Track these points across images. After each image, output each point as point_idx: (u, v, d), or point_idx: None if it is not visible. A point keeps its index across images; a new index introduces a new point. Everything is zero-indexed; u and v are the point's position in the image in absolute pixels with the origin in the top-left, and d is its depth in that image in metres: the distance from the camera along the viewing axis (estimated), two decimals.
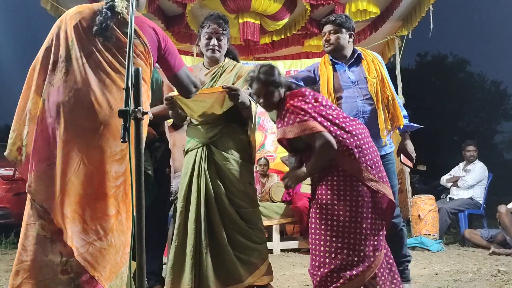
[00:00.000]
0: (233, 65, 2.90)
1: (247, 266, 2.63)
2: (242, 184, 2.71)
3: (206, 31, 2.81)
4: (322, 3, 5.74)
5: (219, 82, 2.79)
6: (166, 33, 6.60)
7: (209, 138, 2.72)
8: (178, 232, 2.66)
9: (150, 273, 2.88)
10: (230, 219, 2.64)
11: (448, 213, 5.79)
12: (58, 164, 1.82)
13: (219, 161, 2.69)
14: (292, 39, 7.05)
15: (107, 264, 1.84)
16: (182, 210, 2.68)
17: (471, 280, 3.38)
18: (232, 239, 2.63)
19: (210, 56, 2.84)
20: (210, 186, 2.64)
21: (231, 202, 2.66)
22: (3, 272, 3.99)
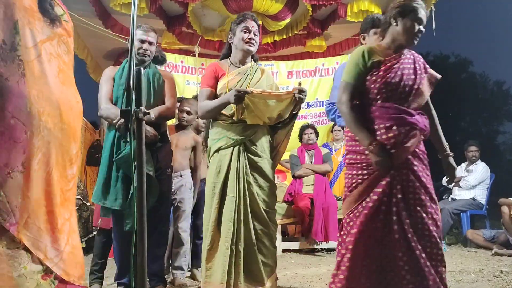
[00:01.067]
0: (261, 69, 2.91)
1: (267, 269, 2.65)
2: (271, 183, 2.74)
3: (244, 25, 2.82)
4: (324, 3, 5.74)
5: (252, 81, 2.78)
6: (167, 33, 6.64)
7: (245, 136, 2.69)
8: (213, 230, 2.63)
9: (151, 274, 2.89)
10: (258, 218, 2.66)
11: (450, 214, 5.78)
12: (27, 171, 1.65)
13: (254, 159, 2.70)
14: (293, 39, 7.05)
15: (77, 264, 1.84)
16: (217, 208, 2.65)
17: (473, 281, 3.37)
18: (258, 239, 2.64)
19: (247, 49, 2.79)
20: (246, 185, 2.65)
21: (261, 200, 2.68)
22: None
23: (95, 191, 2.87)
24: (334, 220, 5.05)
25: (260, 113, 2.65)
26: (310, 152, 5.58)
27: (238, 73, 2.79)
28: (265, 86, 2.77)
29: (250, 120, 2.67)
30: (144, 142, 1.57)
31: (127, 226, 2.78)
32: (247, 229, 2.61)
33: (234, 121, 2.70)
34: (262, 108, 2.64)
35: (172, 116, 3.17)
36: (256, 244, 2.62)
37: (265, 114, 2.66)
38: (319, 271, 3.95)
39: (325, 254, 5.06)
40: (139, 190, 1.55)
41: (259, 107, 2.63)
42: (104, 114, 2.88)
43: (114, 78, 2.96)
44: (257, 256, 2.61)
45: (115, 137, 2.84)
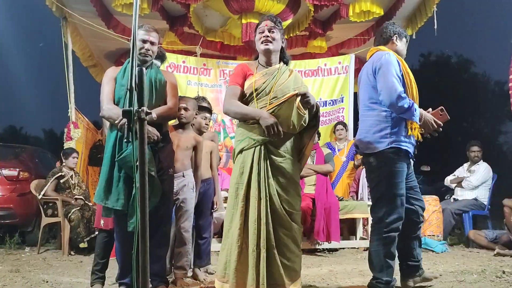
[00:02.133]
0: (289, 71, 2.85)
1: (290, 273, 2.61)
2: (296, 185, 2.71)
3: (259, 27, 2.81)
4: (326, 4, 5.74)
5: (279, 82, 2.73)
6: (169, 33, 6.65)
7: (267, 136, 2.66)
8: (240, 233, 2.59)
9: (153, 274, 2.89)
10: (280, 221, 2.62)
11: (452, 214, 5.77)
12: None
13: (276, 160, 2.66)
14: (295, 39, 7.05)
15: None
16: (242, 210, 2.61)
17: (475, 281, 3.37)
18: (280, 242, 2.60)
19: (264, 48, 2.77)
20: (268, 186, 2.62)
21: (284, 202, 2.64)
22: (7, 272, 4.00)
23: (97, 191, 2.87)
24: (336, 220, 5.05)
25: (283, 117, 2.62)
26: (311, 152, 5.58)
27: (265, 73, 2.76)
28: (291, 88, 2.70)
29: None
30: (146, 142, 1.57)
31: (130, 226, 2.78)
32: (268, 231, 2.57)
33: (256, 122, 2.67)
34: (286, 113, 2.61)
35: (174, 116, 3.17)
36: (277, 246, 2.58)
37: (289, 119, 2.62)
38: (320, 271, 3.95)
39: (327, 254, 5.06)
40: (141, 190, 1.55)
41: (283, 110, 2.61)
42: (106, 115, 2.88)
43: (116, 79, 2.96)
44: (277, 259, 2.56)
45: (117, 138, 2.84)
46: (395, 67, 2.86)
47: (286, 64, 2.91)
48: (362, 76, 3.12)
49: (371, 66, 2.96)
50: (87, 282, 3.40)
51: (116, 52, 7.43)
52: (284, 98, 2.63)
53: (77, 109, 6.26)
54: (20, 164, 6.27)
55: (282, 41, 2.86)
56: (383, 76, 2.84)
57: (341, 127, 6.51)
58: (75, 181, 5.70)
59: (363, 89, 3.06)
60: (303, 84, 2.85)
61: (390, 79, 2.80)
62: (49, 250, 5.69)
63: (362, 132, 3.00)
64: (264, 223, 2.56)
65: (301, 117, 2.64)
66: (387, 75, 2.82)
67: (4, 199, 5.92)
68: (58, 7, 5.82)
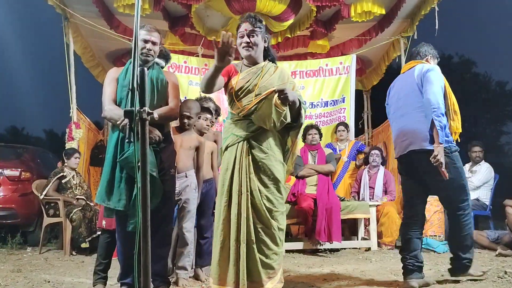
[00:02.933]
0: (274, 67, 2.86)
1: (267, 270, 2.61)
2: (276, 182, 2.70)
3: (239, 31, 2.81)
4: (328, 4, 5.74)
5: (263, 80, 2.74)
6: (171, 34, 6.65)
7: (250, 132, 2.70)
8: (223, 227, 2.64)
9: (155, 274, 2.89)
10: (260, 216, 2.63)
11: None
12: None
13: (258, 156, 2.68)
14: (297, 40, 7.06)
15: None
16: (225, 205, 2.66)
17: (477, 281, 3.36)
18: (258, 238, 2.61)
19: (245, 54, 2.79)
20: (249, 181, 2.64)
21: (264, 198, 2.65)
22: (9, 272, 4.01)
23: (99, 191, 2.87)
24: (337, 220, 5.05)
25: (263, 115, 2.64)
26: (313, 153, 5.58)
27: (248, 73, 2.78)
28: (276, 84, 2.71)
29: (255, 120, 2.68)
30: (147, 143, 1.57)
31: (130, 226, 2.78)
32: (247, 226, 2.59)
33: (240, 118, 2.72)
34: (266, 110, 2.63)
35: (175, 117, 3.17)
36: (255, 242, 2.59)
37: (269, 117, 2.64)
38: (322, 272, 3.95)
39: (328, 255, 5.06)
40: (143, 190, 1.55)
41: (264, 108, 2.63)
42: (108, 115, 2.88)
43: (118, 79, 2.96)
44: (255, 254, 2.58)
45: (118, 138, 2.85)
46: (440, 80, 3.23)
47: (272, 61, 2.90)
48: (404, 85, 3.39)
49: (419, 74, 3.24)
50: (89, 282, 3.41)
51: (117, 52, 7.43)
52: (264, 95, 2.65)
53: (78, 109, 6.26)
54: (21, 164, 6.28)
55: (265, 40, 2.84)
56: (430, 84, 3.15)
57: (343, 128, 6.51)
58: (76, 181, 5.70)
59: (411, 96, 3.27)
60: (290, 80, 2.84)
61: (436, 90, 3.14)
62: (50, 250, 5.70)
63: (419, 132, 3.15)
64: (244, 218, 2.59)
65: (280, 114, 2.63)
66: (433, 85, 3.15)
67: (6, 199, 5.93)
68: (60, 7, 5.83)
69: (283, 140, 2.83)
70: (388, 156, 7.05)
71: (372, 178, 6.05)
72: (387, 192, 5.96)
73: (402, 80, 3.46)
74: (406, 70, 3.48)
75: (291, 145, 2.85)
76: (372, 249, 5.30)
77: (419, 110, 3.18)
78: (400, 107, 3.38)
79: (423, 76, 3.20)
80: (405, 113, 3.31)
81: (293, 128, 2.82)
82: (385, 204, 5.67)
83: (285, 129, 2.82)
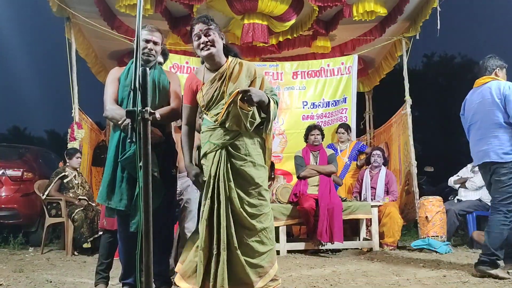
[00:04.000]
0: (240, 64, 2.77)
1: (256, 270, 2.60)
2: (257, 187, 2.67)
3: (193, 34, 2.73)
4: (330, 4, 5.73)
5: (229, 85, 2.68)
6: (172, 34, 6.65)
7: (226, 140, 2.65)
8: (201, 235, 2.61)
9: (157, 275, 2.89)
10: (242, 222, 2.61)
11: (456, 215, 5.75)
12: None
13: (237, 163, 2.65)
14: (299, 40, 7.05)
15: None
16: (206, 212, 2.63)
17: (479, 282, 3.35)
18: (243, 243, 2.59)
19: (206, 54, 2.69)
20: (228, 189, 2.61)
21: (246, 204, 2.62)
22: (11, 272, 4.02)
23: (100, 191, 2.87)
24: (339, 221, 5.04)
25: (234, 118, 2.60)
26: (315, 153, 5.58)
27: (213, 81, 2.70)
28: (244, 83, 2.67)
29: (229, 125, 2.63)
30: (149, 142, 1.57)
31: (132, 226, 2.78)
32: (229, 233, 2.56)
33: (215, 126, 2.67)
34: (236, 113, 2.57)
35: (177, 117, 3.16)
36: (239, 247, 2.56)
37: (240, 120, 2.59)
38: (324, 272, 3.94)
39: (330, 255, 5.05)
40: (144, 190, 1.55)
41: (233, 111, 2.58)
42: (110, 115, 2.88)
43: (120, 79, 2.96)
44: (240, 259, 2.55)
45: (120, 138, 2.85)
46: None
47: (235, 56, 2.82)
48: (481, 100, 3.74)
49: (499, 93, 3.62)
50: (90, 282, 3.41)
51: (119, 53, 7.44)
52: (229, 100, 2.58)
53: (80, 109, 6.27)
54: (24, 164, 6.29)
55: (222, 37, 2.76)
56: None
57: (343, 130, 6.52)
58: (78, 181, 5.71)
59: (489, 112, 3.66)
60: (258, 74, 2.75)
61: None
62: (52, 250, 5.71)
63: (496, 145, 3.60)
64: (224, 226, 2.56)
65: (247, 115, 2.58)
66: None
67: (8, 200, 5.95)
68: (61, 7, 5.84)
69: (261, 140, 2.77)
70: (390, 156, 7.04)
71: (374, 178, 6.04)
72: (389, 193, 5.95)
73: (478, 95, 3.81)
74: (480, 85, 3.84)
75: (265, 141, 2.78)
76: (374, 250, 5.30)
77: (496, 125, 3.61)
78: (476, 121, 3.79)
79: (504, 97, 3.58)
80: (482, 127, 3.72)
81: (264, 123, 2.73)
82: (387, 205, 5.67)
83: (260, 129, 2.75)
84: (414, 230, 6.66)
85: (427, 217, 5.36)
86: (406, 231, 6.98)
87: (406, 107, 6.50)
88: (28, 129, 29.01)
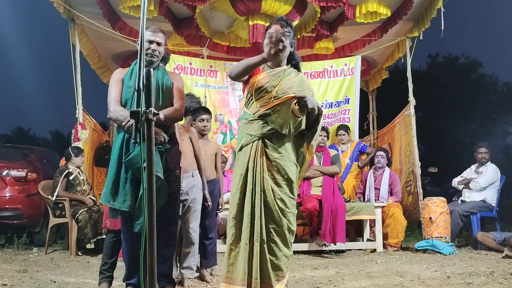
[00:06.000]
0: (296, 73, 2.84)
1: (276, 272, 2.61)
2: (290, 185, 2.70)
3: (269, 31, 2.75)
4: (332, 5, 5.73)
5: (282, 83, 2.72)
6: (176, 35, 6.66)
7: (264, 131, 2.69)
8: (234, 226, 2.64)
9: (160, 275, 2.89)
10: (273, 216, 2.63)
11: (460, 216, 5.73)
12: None
13: (272, 155, 2.68)
14: (302, 41, 7.04)
15: None
16: (238, 203, 2.66)
17: (484, 283, 3.34)
18: (270, 238, 2.61)
19: (273, 54, 2.71)
20: (263, 180, 2.64)
21: (278, 198, 2.64)
22: (15, 272, 4.03)
23: (104, 192, 2.88)
24: (342, 222, 5.04)
25: (281, 119, 2.65)
26: (318, 154, 5.58)
27: (269, 74, 2.76)
28: (294, 90, 2.70)
29: (272, 123, 2.68)
30: (153, 143, 1.58)
31: (137, 227, 2.79)
32: (260, 226, 2.59)
33: (255, 118, 2.72)
34: (283, 114, 2.63)
35: (180, 118, 3.18)
36: (266, 242, 2.59)
37: (286, 122, 2.64)
38: (327, 273, 3.94)
39: (333, 256, 5.05)
40: (148, 191, 1.55)
41: (281, 112, 2.63)
42: (113, 117, 2.89)
43: (123, 80, 2.97)
44: (266, 255, 2.58)
45: (124, 139, 2.86)
46: None
47: (295, 66, 2.88)
48: None
49: None
50: (94, 282, 3.42)
51: (123, 54, 7.45)
52: (282, 99, 2.64)
53: (84, 110, 6.29)
54: (28, 165, 6.31)
55: (291, 45, 2.80)
56: None
57: (343, 132, 6.52)
58: (83, 177, 5.72)
59: None
60: (309, 88, 2.83)
61: None
62: (56, 250, 5.73)
63: None
64: (258, 217, 2.59)
65: (296, 121, 2.65)
66: None
67: (12, 200, 5.97)
68: (66, 9, 5.86)
69: (297, 143, 2.82)
70: (392, 157, 7.03)
71: (378, 179, 6.03)
72: (393, 193, 5.94)
73: None
74: None
75: (306, 150, 2.83)
76: (377, 251, 5.29)
77: None
78: None
79: None
80: None
81: (308, 134, 2.80)
82: (391, 206, 5.66)
83: (300, 134, 2.81)
84: (418, 231, 6.65)
85: (431, 218, 5.34)
86: (410, 232, 6.96)
87: (410, 108, 6.48)
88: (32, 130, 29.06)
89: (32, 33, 39.43)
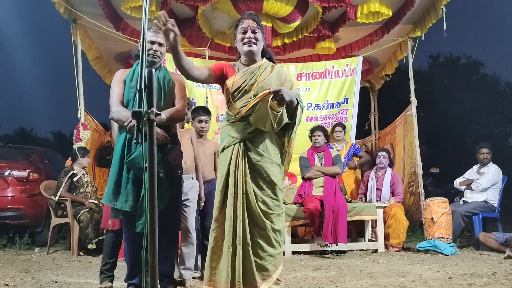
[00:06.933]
0: (272, 66, 2.83)
1: (262, 272, 2.60)
2: (272, 185, 2.68)
3: (241, 26, 2.78)
4: (334, 5, 5.72)
5: (260, 79, 2.71)
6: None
7: (246, 134, 2.68)
8: (216, 229, 2.64)
9: (162, 275, 2.90)
10: (255, 219, 2.62)
11: (462, 216, 5.73)
12: None
13: (254, 158, 2.67)
14: (303, 41, 7.04)
15: None
16: (219, 206, 2.66)
17: (485, 284, 3.33)
18: (253, 241, 2.61)
19: (246, 50, 2.75)
20: (244, 183, 2.63)
21: (260, 201, 2.64)
22: (17, 273, 4.04)
23: (106, 192, 2.89)
24: (344, 222, 5.04)
25: (261, 117, 2.62)
26: (320, 154, 5.57)
27: (245, 73, 2.75)
28: (273, 84, 2.69)
29: (253, 122, 2.67)
30: (155, 143, 1.58)
31: (139, 227, 2.79)
32: (243, 228, 2.59)
33: (236, 120, 2.71)
34: (263, 112, 2.60)
35: (182, 118, 3.18)
36: (251, 244, 2.58)
37: (267, 119, 2.61)
38: (329, 274, 3.94)
39: (335, 256, 5.04)
40: (150, 191, 1.56)
41: (261, 110, 2.60)
42: (115, 117, 2.90)
43: (125, 81, 2.98)
44: (250, 256, 2.57)
45: (126, 139, 2.86)
46: None
47: (270, 60, 2.87)
48: None
49: None
50: (96, 282, 3.42)
51: (125, 54, 7.46)
52: (259, 97, 2.61)
53: (86, 110, 6.30)
54: (30, 165, 6.32)
55: (263, 39, 2.82)
56: None
57: (340, 128, 6.51)
58: (87, 179, 5.72)
59: None
60: (288, 79, 2.81)
61: None
62: (58, 250, 5.74)
63: None
64: (240, 220, 2.58)
65: (276, 116, 2.61)
66: None
67: (14, 200, 5.98)
68: (68, 9, 5.87)
69: (280, 141, 2.80)
70: (394, 157, 7.02)
71: (379, 179, 6.03)
72: (394, 194, 5.93)
73: None
74: None
75: (287, 145, 2.81)
76: (379, 251, 5.28)
77: None
78: None
79: None
80: None
81: (288, 127, 2.77)
82: (392, 206, 5.65)
83: (282, 130, 2.78)
84: (420, 231, 6.64)
85: (432, 219, 5.33)
86: (412, 233, 6.95)
87: (412, 108, 6.47)
88: (34, 130, 29.12)
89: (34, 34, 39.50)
